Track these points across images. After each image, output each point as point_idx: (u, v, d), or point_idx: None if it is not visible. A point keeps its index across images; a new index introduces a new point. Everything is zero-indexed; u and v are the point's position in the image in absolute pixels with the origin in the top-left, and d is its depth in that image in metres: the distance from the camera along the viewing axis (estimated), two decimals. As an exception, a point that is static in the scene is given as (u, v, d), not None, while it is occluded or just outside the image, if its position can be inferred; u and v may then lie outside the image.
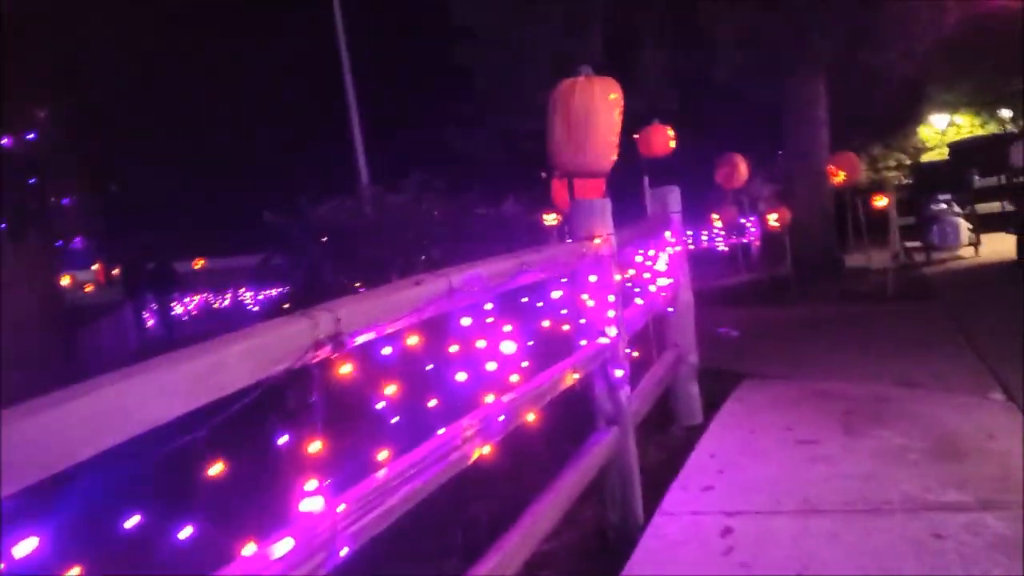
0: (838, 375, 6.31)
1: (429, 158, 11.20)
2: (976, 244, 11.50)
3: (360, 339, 2.18)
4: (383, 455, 2.27)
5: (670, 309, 5.44)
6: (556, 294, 3.50)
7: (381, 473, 2.24)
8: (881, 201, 10.74)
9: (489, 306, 2.87)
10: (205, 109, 20.61)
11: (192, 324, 19.01)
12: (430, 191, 8.55)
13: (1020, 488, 3.73)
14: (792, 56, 11.26)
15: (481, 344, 2.81)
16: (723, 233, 12.48)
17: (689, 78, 13.28)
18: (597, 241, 3.86)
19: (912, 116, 21.72)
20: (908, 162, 22.01)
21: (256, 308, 17.11)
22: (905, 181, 15.06)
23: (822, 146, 11.61)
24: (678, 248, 5.60)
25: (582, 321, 3.78)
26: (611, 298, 3.91)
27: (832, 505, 3.83)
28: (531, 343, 3.23)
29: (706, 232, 12.63)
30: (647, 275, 4.91)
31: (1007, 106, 21.19)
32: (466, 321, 2.71)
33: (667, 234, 5.48)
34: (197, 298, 20.78)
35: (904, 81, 20.62)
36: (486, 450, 2.72)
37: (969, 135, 21.15)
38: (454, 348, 2.68)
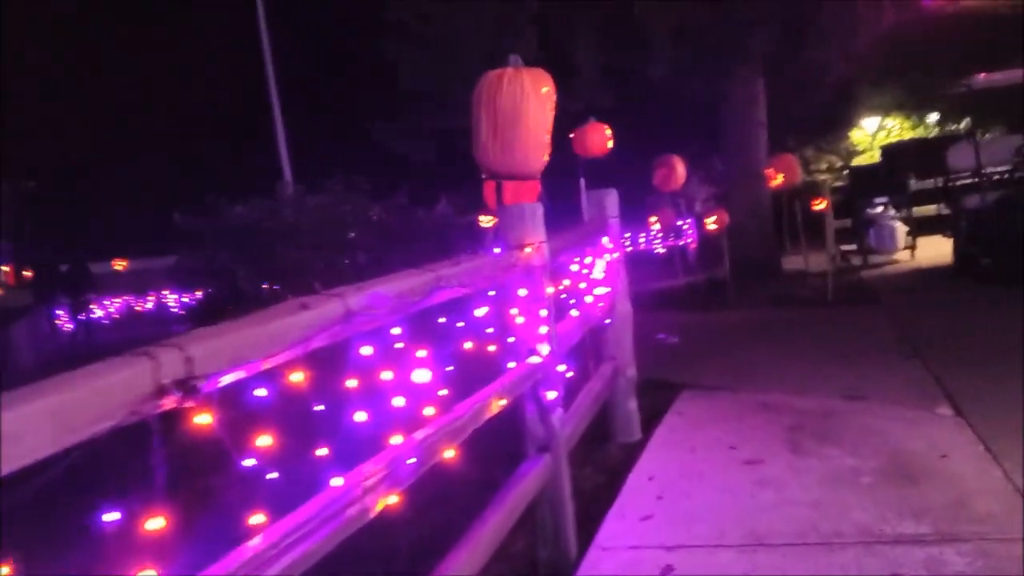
0: (782, 385, 6.05)
1: (358, 158, 10.72)
2: (912, 248, 11.45)
3: (227, 379, 1.76)
4: (258, 520, 1.85)
5: (607, 321, 5.10)
6: (480, 311, 3.11)
7: (255, 542, 1.83)
8: (820, 204, 10.62)
9: (397, 330, 2.46)
10: (125, 107, 19.76)
11: (113, 329, 18.14)
12: (356, 192, 8.10)
13: (979, 518, 3.48)
14: (730, 54, 11.07)
15: (387, 375, 2.40)
16: (660, 235, 12.25)
17: (626, 76, 13.03)
18: (528, 250, 3.48)
19: (845, 119, 21.87)
20: (840, 165, 22.17)
21: (179, 311, 16.35)
22: (840, 183, 15.02)
23: (760, 148, 11.44)
24: (616, 255, 5.27)
25: (511, 340, 3.41)
26: (543, 312, 3.54)
27: (781, 537, 3.52)
28: (450, 369, 2.83)
29: (644, 234, 12.39)
30: (583, 285, 4.56)
31: (935, 110, 21.49)
32: (368, 350, 2.30)
33: (604, 240, 5.14)
34: (118, 301, 19.84)
35: (838, 84, 20.86)
36: (393, 499, 2.33)
37: (898, 138, 21.40)
38: (353, 382, 2.27)
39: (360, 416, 2.25)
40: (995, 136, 13.79)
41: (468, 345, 3.02)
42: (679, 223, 12.53)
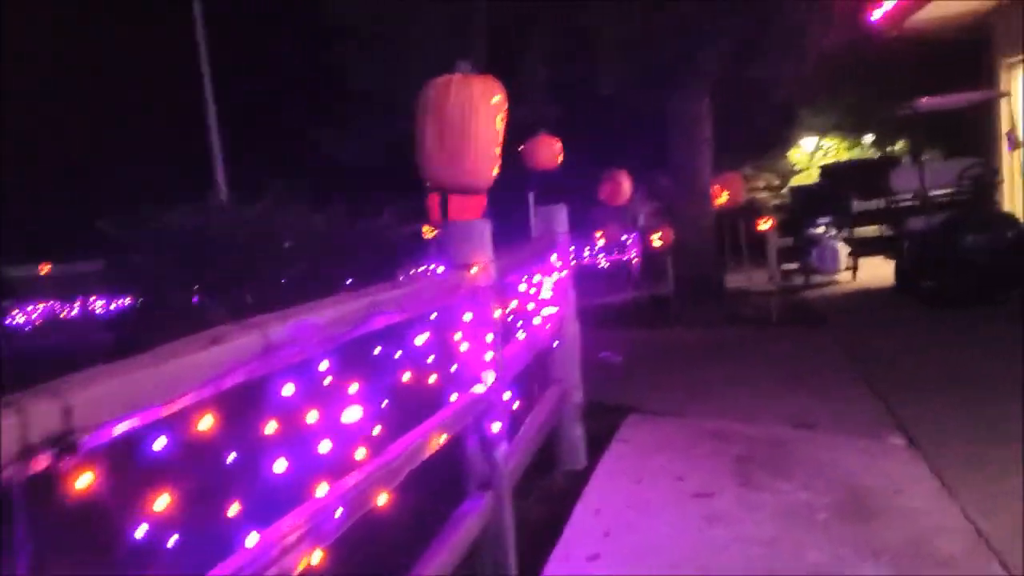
0: (729, 410, 5.90)
1: (300, 164, 10.32)
2: (854, 268, 11.50)
3: (118, 429, 1.48)
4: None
5: (555, 343, 4.87)
6: (420, 339, 2.85)
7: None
8: (765, 224, 10.61)
9: (325, 365, 2.19)
10: (54, 107, 18.97)
11: (33, 336, 17.33)
12: (294, 200, 7.76)
13: (940, 559, 3.33)
14: (679, 69, 10.99)
15: (312, 416, 2.13)
16: (605, 251, 12.12)
17: (575, 89, 12.88)
18: (474, 270, 3.24)
19: (784, 138, 22.06)
20: (778, 183, 22.38)
21: (105, 317, 15.67)
22: (781, 202, 15.06)
23: (705, 165, 11.37)
24: (564, 273, 5.05)
25: (453, 368, 3.15)
26: (489, 338, 3.30)
27: (736, 581, 3.33)
28: (386, 404, 2.57)
29: (588, 248, 12.25)
30: (531, 305, 4.32)
31: (871, 131, 21.81)
32: (290, 388, 2.03)
33: (553, 257, 4.92)
34: (41, 307, 18.98)
35: (779, 103, 21.05)
36: (317, 557, 2.06)
37: (835, 159, 21.68)
38: (272, 425, 2.00)
39: (280, 464, 1.98)
40: (934, 158, 14.00)
41: (406, 377, 2.76)
42: (624, 238, 12.41)
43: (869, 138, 22.32)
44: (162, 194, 8.62)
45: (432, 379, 2.95)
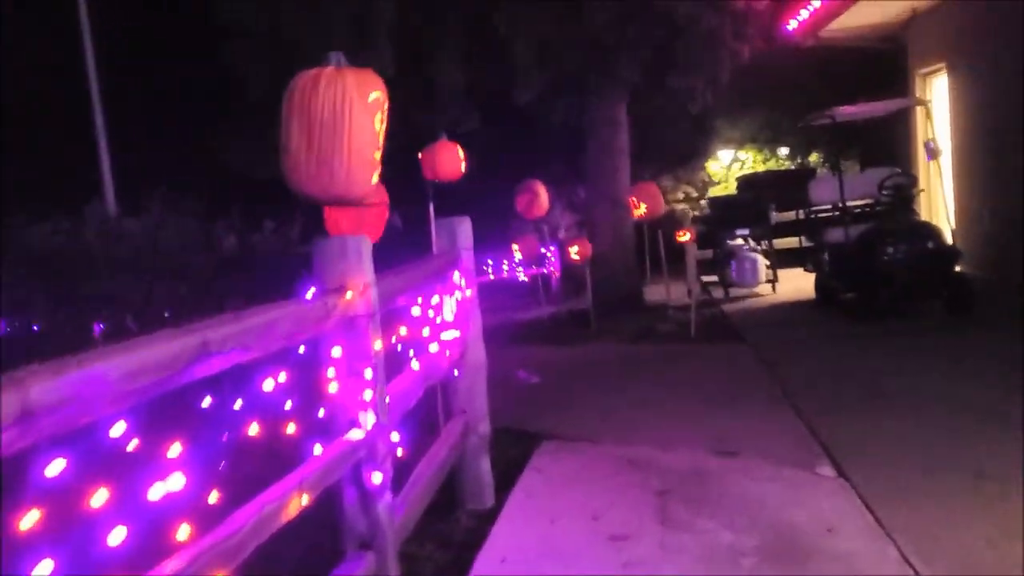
0: (648, 436, 5.54)
1: (193, 174, 9.63)
2: (773, 281, 11.34)
3: None
4: None
5: (456, 373, 4.42)
6: (270, 384, 2.36)
7: None
8: (684, 236, 10.35)
9: (120, 428, 1.71)
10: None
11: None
12: (183, 212, 7.16)
13: (879, 611, 2.99)
14: (595, 78, 10.71)
15: (104, 495, 1.64)
16: (523, 264, 11.74)
17: (491, 97, 12.51)
18: (349, 295, 2.78)
19: (702, 150, 22.09)
20: (695, 195, 22.44)
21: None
22: (700, 214, 14.89)
23: (623, 176, 11.09)
24: (469, 293, 4.61)
25: (321, 413, 2.68)
26: (369, 374, 2.84)
27: (656, 644, 2.93)
28: (223, 465, 2.09)
29: (507, 262, 11.85)
30: (427, 331, 3.87)
31: (786, 144, 22.02)
32: (61, 463, 1.54)
33: (456, 275, 4.48)
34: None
35: (696, 114, 21.13)
36: None
37: (752, 171, 21.81)
38: (35, 514, 1.50)
39: (43, 569, 1.48)
40: (852, 168, 14.07)
41: (254, 430, 2.27)
42: (543, 251, 12.06)
43: (785, 150, 22.53)
44: (44, 203, 7.91)
45: (292, 429, 2.47)
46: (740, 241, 11.57)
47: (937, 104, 11.23)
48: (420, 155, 5.82)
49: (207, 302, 6.29)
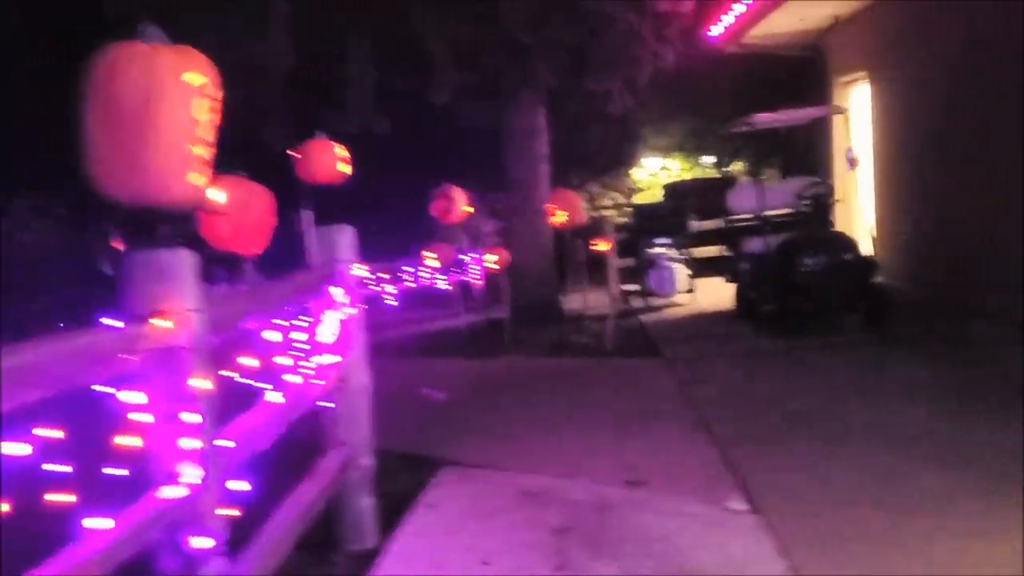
0: (555, 460, 5.15)
1: (67, 175, 8.89)
2: (692, 291, 11.08)
3: None
4: None
5: (330, 404, 3.95)
6: (24, 448, 1.86)
7: None
8: (601, 245, 10.04)
9: None
10: None
11: None
12: (49, 217, 6.52)
13: None
14: (512, 79, 10.31)
15: None
16: (440, 271, 11.29)
17: (405, 99, 12.03)
18: (165, 323, 2.29)
19: (628, 157, 21.89)
20: (623, 202, 22.29)
21: None
22: (624, 221, 14.58)
23: (542, 182, 10.72)
24: (352, 310, 4.14)
25: (123, 472, 2.19)
26: (191, 418, 2.36)
27: None
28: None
29: (427, 270, 11.39)
30: (288, 358, 3.38)
31: (711, 152, 22.01)
32: None
33: (336, 291, 4.01)
34: None
35: (623, 121, 21.04)
36: None
37: (679, 178, 21.72)
38: None
39: None
40: (772, 177, 13.96)
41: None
42: (462, 258, 11.61)
43: (710, 158, 22.53)
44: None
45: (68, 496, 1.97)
46: (661, 250, 11.29)
47: (857, 113, 11.13)
48: (293, 155, 5.31)
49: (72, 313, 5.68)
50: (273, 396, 3.21)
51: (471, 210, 11.13)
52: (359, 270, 10.52)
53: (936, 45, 9.10)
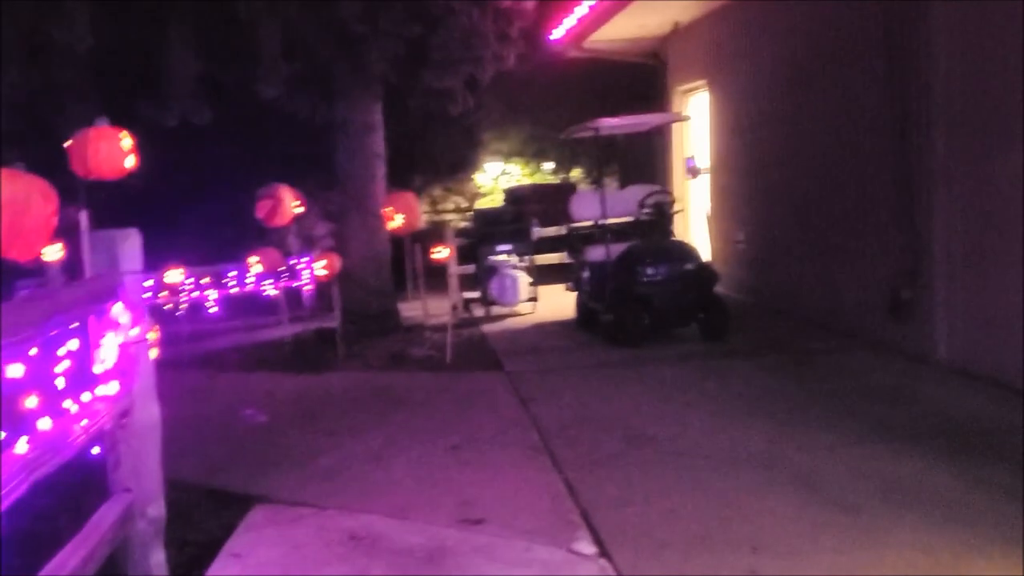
0: (385, 494, 4.63)
1: None
2: (534, 299, 10.78)
3: None
4: None
5: (95, 450, 3.27)
6: None
7: None
8: (440, 252, 9.59)
9: None
10: None
11: None
12: None
13: None
14: (345, 72, 9.68)
15: None
16: (266, 277, 10.51)
17: (230, 90, 11.15)
18: None
19: (471, 160, 21.62)
20: (466, 205, 22.02)
21: None
22: (464, 225, 14.10)
23: (378, 183, 10.11)
24: (136, 331, 3.47)
25: None
26: None
27: None
28: None
29: (251, 275, 10.55)
30: (32, 401, 2.70)
31: (550, 158, 22.03)
32: None
33: (116, 309, 3.33)
34: None
35: (464, 123, 20.76)
36: None
37: (520, 183, 21.59)
38: None
39: None
40: (612, 184, 13.93)
41: None
42: (293, 263, 10.86)
43: (550, 165, 22.56)
44: None
45: None
46: (502, 257, 10.94)
47: (697, 122, 11.19)
48: (67, 145, 4.53)
49: None
50: (14, 446, 2.53)
51: (301, 211, 10.42)
52: (174, 276, 9.44)
53: (770, 53, 9.16)
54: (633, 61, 12.92)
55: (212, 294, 12.61)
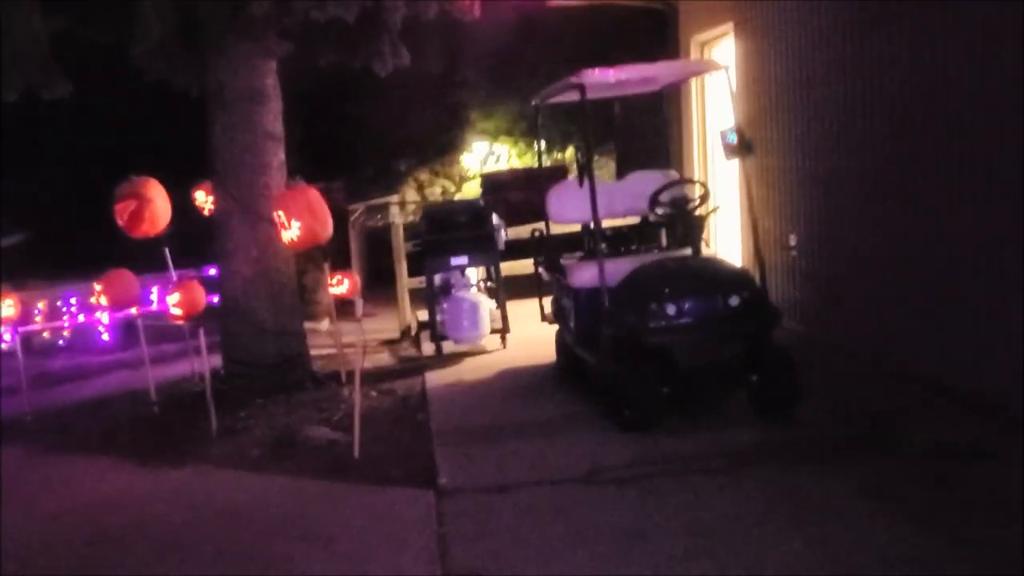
0: None
1: None
2: (504, 332, 7.76)
3: None
4: None
5: None
6: None
7: None
8: (340, 287, 6.71)
9: None
10: None
11: None
12: None
13: None
14: (217, 21, 6.71)
15: None
16: (113, 309, 7.68)
17: (93, 54, 8.22)
18: None
19: (457, 142, 20.46)
20: (454, 189, 20.41)
21: None
22: (416, 227, 10.72)
23: (273, 176, 7.06)
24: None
25: None
26: None
27: None
28: None
29: (95, 306, 7.76)
30: None
31: (543, 136, 19.78)
32: None
33: None
34: None
35: (447, 104, 18.80)
36: None
37: (508, 167, 19.66)
38: None
39: None
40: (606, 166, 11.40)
41: None
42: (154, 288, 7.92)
43: (543, 144, 20.33)
44: None
45: None
46: (459, 272, 7.95)
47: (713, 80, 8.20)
48: None
49: None
50: None
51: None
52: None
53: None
54: (634, 5, 9.96)
55: (103, 318, 9.83)
